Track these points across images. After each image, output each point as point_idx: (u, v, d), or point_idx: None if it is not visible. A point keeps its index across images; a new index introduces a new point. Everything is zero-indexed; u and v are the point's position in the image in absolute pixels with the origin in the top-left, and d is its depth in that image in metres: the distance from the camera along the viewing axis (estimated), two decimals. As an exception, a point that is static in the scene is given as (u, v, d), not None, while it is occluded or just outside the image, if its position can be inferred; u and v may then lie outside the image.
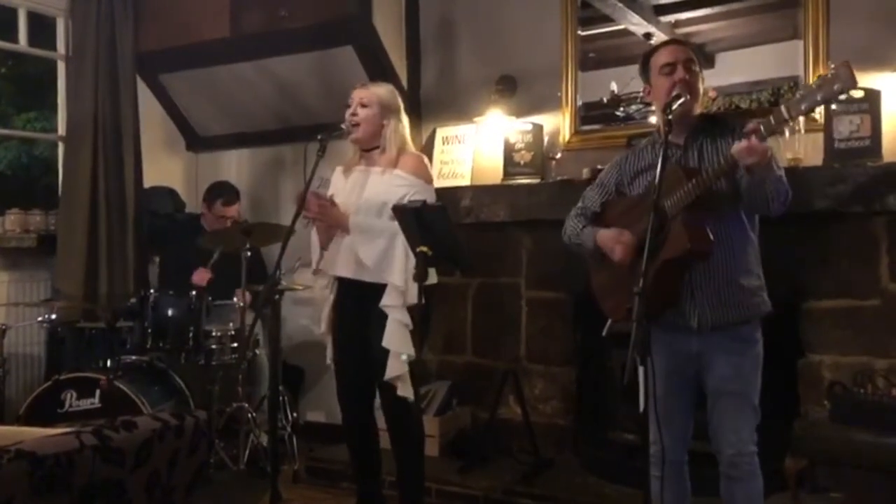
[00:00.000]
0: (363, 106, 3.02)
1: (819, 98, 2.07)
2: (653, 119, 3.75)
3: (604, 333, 2.57)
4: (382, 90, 3.09)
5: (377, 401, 3.12)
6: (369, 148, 3.07)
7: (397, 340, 2.89)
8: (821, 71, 3.31)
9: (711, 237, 2.34)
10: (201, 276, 4.00)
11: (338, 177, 3.17)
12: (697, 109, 2.50)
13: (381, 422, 3.16)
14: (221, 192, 4.39)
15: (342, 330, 3.10)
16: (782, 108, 2.13)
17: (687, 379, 2.49)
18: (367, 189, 3.02)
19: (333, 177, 3.18)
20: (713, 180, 2.28)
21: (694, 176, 2.31)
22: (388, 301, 2.90)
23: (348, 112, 3.03)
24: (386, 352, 2.90)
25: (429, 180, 3.08)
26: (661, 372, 2.30)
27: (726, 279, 2.41)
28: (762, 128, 2.17)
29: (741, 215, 2.44)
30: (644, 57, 2.58)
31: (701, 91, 2.48)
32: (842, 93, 2.06)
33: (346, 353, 3.09)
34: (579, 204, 2.75)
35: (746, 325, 2.45)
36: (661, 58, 2.48)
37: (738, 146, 2.20)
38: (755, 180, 2.26)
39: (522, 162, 3.99)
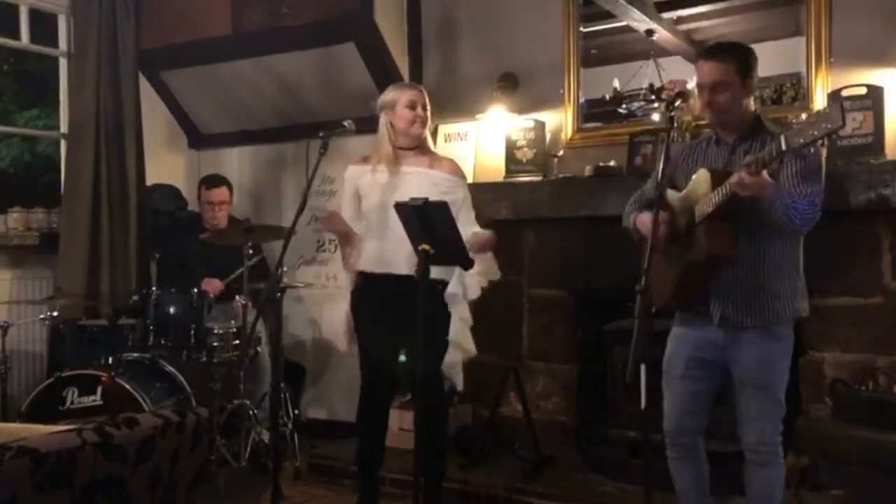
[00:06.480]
0: (425, 109, 3.09)
1: (814, 134, 2.14)
2: (655, 116, 3.76)
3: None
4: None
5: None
6: (410, 147, 3.11)
7: (462, 335, 3.08)
8: (823, 68, 3.34)
9: (734, 243, 2.40)
10: (213, 287, 3.98)
11: (361, 175, 3.13)
12: (751, 108, 2.53)
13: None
14: (206, 179, 4.37)
15: (377, 323, 3.08)
16: (782, 139, 2.20)
17: (710, 366, 2.56)
18: (408, 188, 2.97)
19: (354, 175, 3.15)
20: (733, 193, 2.31)
21: (719, 184, 2.36)
22: (452, 291, 3.04)
23: (413, 115, 3.05)
24: (437, 344, 2.98)
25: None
26: (682, 357, 2.54)
27: (754, 283, 2.45)
28: (755, 163, 2.24)
29: None
30: (697, 54, 2.64)
31: (730, 100, 2.47)
32: (831, 132, 2.13)
33: (378, 346, 3.10)
34: (636, 193, 2.84)
35: (775, 324, 2.49)
36: (697, 73, 2.54)
37: (733, 178, 2.28)
38: (761, 207, 2.34)
39: (524, 159, 3.98)
